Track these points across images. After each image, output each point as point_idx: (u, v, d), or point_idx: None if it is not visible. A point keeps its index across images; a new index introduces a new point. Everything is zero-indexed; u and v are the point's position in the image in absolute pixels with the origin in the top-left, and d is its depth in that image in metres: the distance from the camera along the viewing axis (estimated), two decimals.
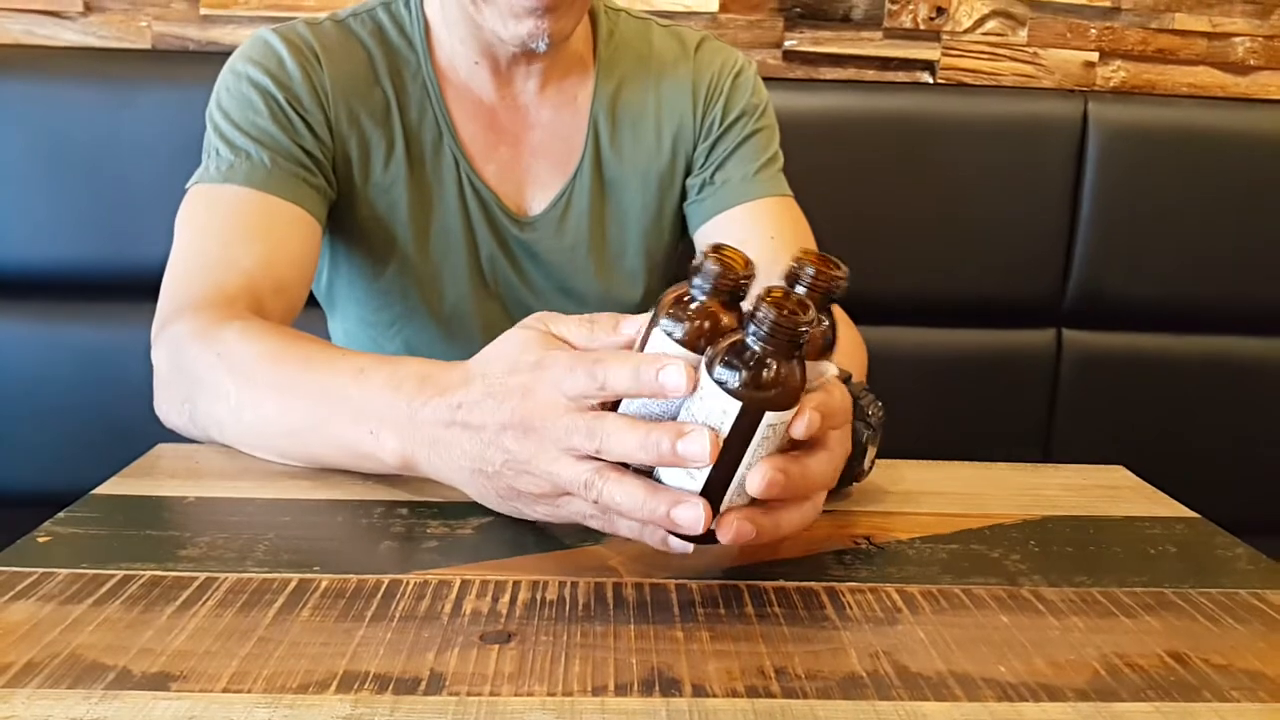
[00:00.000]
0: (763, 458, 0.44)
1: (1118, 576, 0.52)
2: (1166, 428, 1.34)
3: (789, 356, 0.43)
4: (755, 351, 0.42)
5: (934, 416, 1.26)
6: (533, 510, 0.50)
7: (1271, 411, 1.36)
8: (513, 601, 0.46)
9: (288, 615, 0.44)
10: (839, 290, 0.48)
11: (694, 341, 0.44)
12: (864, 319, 0.82)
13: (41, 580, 0.46)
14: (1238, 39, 1.42)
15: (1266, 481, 1.36)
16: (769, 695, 0.39)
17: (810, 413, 0.44)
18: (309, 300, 0.79)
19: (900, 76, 1.40)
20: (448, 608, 0.45)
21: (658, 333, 0.46)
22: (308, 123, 0.79)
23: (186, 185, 0.78)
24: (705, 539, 0.46)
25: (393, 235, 0.85)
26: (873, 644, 0.44)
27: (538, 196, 0.87)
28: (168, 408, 0.67)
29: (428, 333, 0.88)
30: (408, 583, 0.47)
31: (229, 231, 0.74)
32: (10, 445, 1.25)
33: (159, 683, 0.38)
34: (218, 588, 0.46)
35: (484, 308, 0.88)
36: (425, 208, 0.85)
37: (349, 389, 0.56)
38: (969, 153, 1.29)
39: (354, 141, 0.82)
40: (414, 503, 0.57)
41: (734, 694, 0.39)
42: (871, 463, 0.59)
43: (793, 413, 0.44)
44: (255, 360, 0.61)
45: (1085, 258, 1.32)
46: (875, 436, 0.58)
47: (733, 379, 0.42)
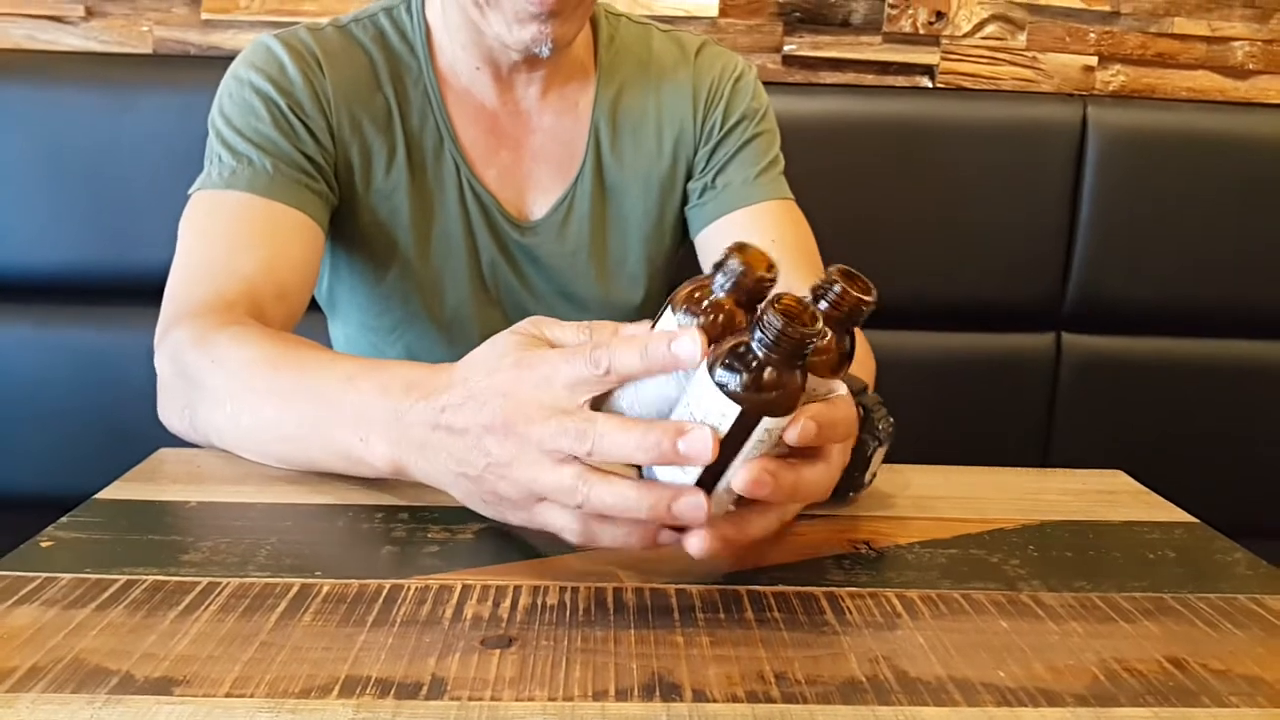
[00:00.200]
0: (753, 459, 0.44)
1: (1117, 581, 0.52)
2: (1166, 431, 1.35)
3: (791, 366, 0.42)
4: (758, 357, 0.42)
5: (934, 420, 1.26)
6: (514, 516, 0.49)
7: (1271, 415, 1.36)
8: (513, 606, 0.46)
9: (290, 620, 0.44)
10: (861, 316, 0.46)
11: (708, 336, 0.44)
12: (864, 323, 0.81)
13: (45, 585, 0.46)
14: (1237, 43, 1.42)
15: (1266, 484, 1.36)
16: (769, 700, 0.39)
17: (806, 421, 0.44)
18: (310, 304, 0.80)
19: (900, 81, 1.40)
20: (449, 612, 0.45)
21: (670, 321, 0.46)
22: (310, 129, 0.80)
23: (189, 191, 0.78)
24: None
25: (394, 241, 0.85)
26: (872, 649, 0.44)
27: (539, 202, 0.87)
28: (170, 413, 0.67)
29: (429, 338, 0.88)
30: (409, 588, 0.47)
31: (231, 237, 0.75)
32: (11, 448, 1.25)
33: (162, 687, 0.39)
34: (220, 592, 0.46)
35: (485, 313, 0.88)
36: (426, 213, 0.85)
37: (340, 395, 0.55)
38: (969, 157, 1.29)
39: (356, 147, 0.82)
40: (414, 507, 0.57)
41: (734, 699, 0.39)
42: (873, 475, 0.59)
43: (787, 419, 0.44)
44: (250, 366, 0.61)
45: (1085, 262, 1.32)
46: (881, 450, 0.58)
47: (733, 382, 0.42)
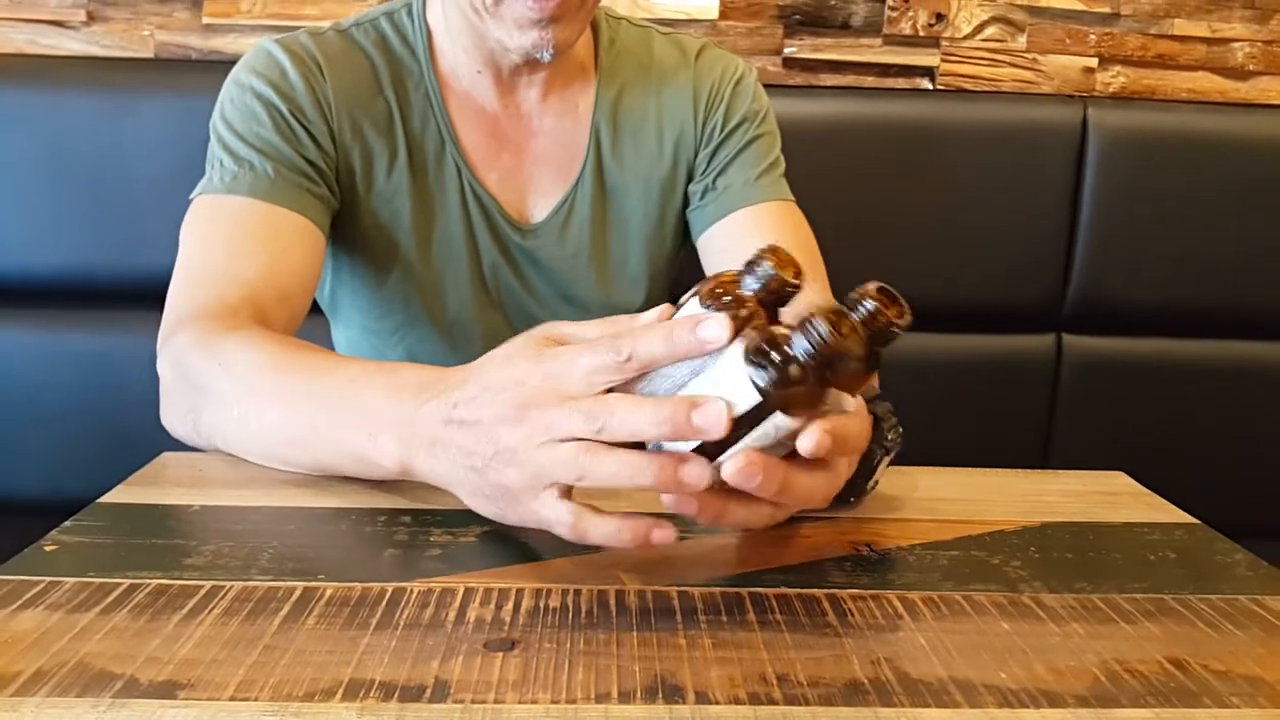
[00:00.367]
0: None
1: (1118, 583, 0.52)
2: (1167, 432, 1.35)
3: (821, 374, 0.43)
4: (794, 356, 0.43)
5: (934, 422, 1.25)
6: (515, 511, 0.49)
7: (1271, 415, 1.36)
8: (516, 609, 0.46)
9: (293, 623, 0.44)
10: (892, 339, 0.46)
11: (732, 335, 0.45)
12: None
13: (49, 589, 0.46)
14: (1237, 44, 1.42)
15: (1266, 485, 1.36)
16: (771, 702, 0.40)
17: (823, 434, 0.44)
18: (312, 308, 0.80)
19: (900, 83, 1.40)
20: (451, 615, 0.45)
21: (694, 309, 0.47)
22: (311, 133, 0.80)
23: (191, 196, 0.78)
24: None
25: (395, 244, 0.85)
26: (874, 651, 0.44)
27: (539, 204, 0.87)
28: (173, 417, 0.67)
29: (430, 341, 0.88)
30: (412, 590, 0.48)
31: (233, 242, 0.75)
32: (13, 452, 1.26)
33: (166, 691, 0.39)
34: (223, 596, 0.46)
35: (486, 315, 0.88)
36: (428, 216, 0.85)
37: (350, 395, 0.56)
38: (969, 158, 1.29)
39: (357, 151, 0.82)
40: (417, 510, 0.57)
41: (736, 701, 0.39)
42: (876, 482, 0.60)
43: (799, 423, 0.44)
44: (257, 369, 0.61)
45: (1085, 263, 1.32)
46: (887, 459, 0.59)
47: (762, 370, 0.43)
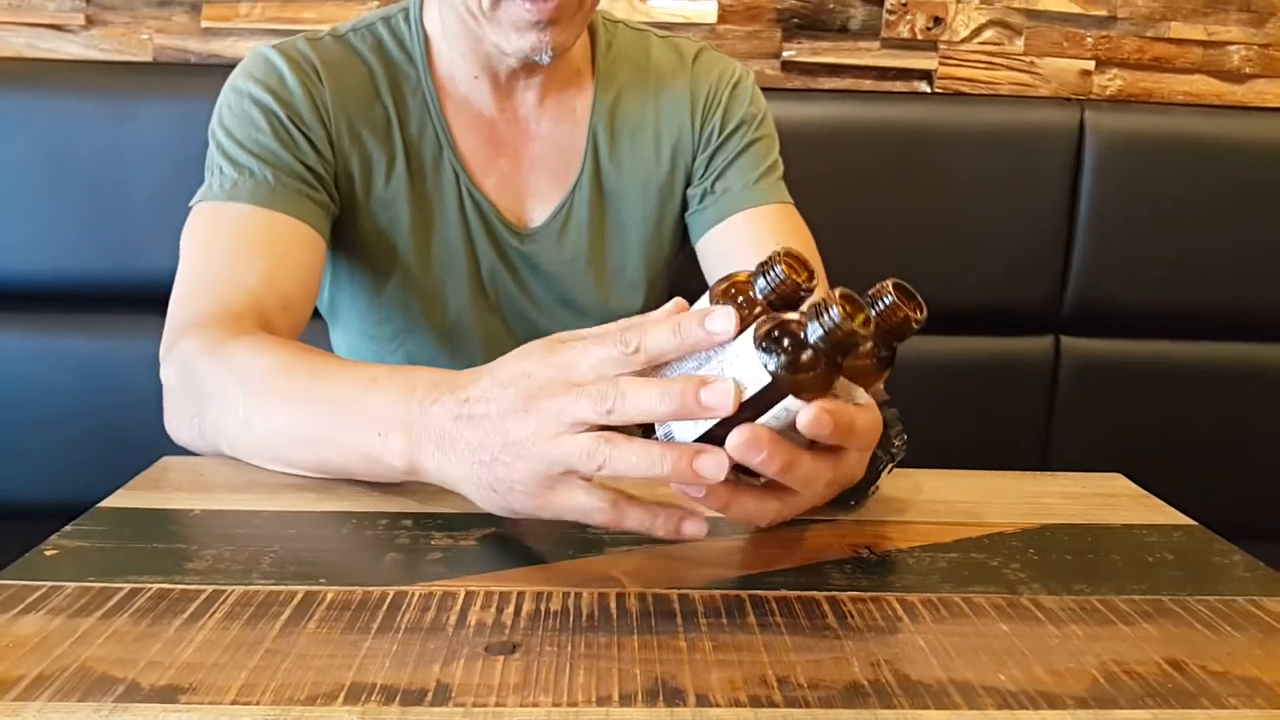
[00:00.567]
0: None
1: (1116, 584, 0.52)
2: (1165, 433, 1.35)
3: (832, 359, 0.44)
4: (806, 340, 0.43)
5: (933, 424, 1.24)
6: (524, 504, 0.49)
7: (1269, 417, 1.36)
8: (517, 612, 0.46)
9: (294, 627, 0.44)
10: (908, 333, 0.47)
11: (739, 333, 0.45)
12: None
13: (50, 594, 0.46)
14: (1233, 47, 1.42)
15: (1264, 486, 1.37)
16: (772, 705, 0.40)
17: (822, 411, 0.44)
18: (312, 312, 0.80)
19: (898, 86, 1.40)
20: (453, 619, 0.45)
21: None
22: (310, 139, 0.80)
23: (190, 203, 0.78)
24: None
25: (394, 249, 0.85)
26: (874, 653, 0.44)
27: (538, 209, 0.87)
28: (177, 423, 0.67)
29: (429, 346, 0.88)
30: (413, 594, 0.48)
31: (234, 249, 0.75)
32: (13, 455, 1.26)
33: (168, 695, 0.39)
34: (225, 600, 0.46)
35: (485, 320, 0.88)
36: (426, 222, 0.85)
37: (361, 396, 0.56)
38: (967, 161, 1.29)
39: (355, 157, 0.83)
40: (418, 514, 0.57)
41: (737, 703, 0.40)
42: (877, 487, 0.60)
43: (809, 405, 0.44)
44: (265, 373, 0.61)
45: (1083, 265, 1.32)
46: (891, 465, 0.59)
47: (773, 353, 0.43)
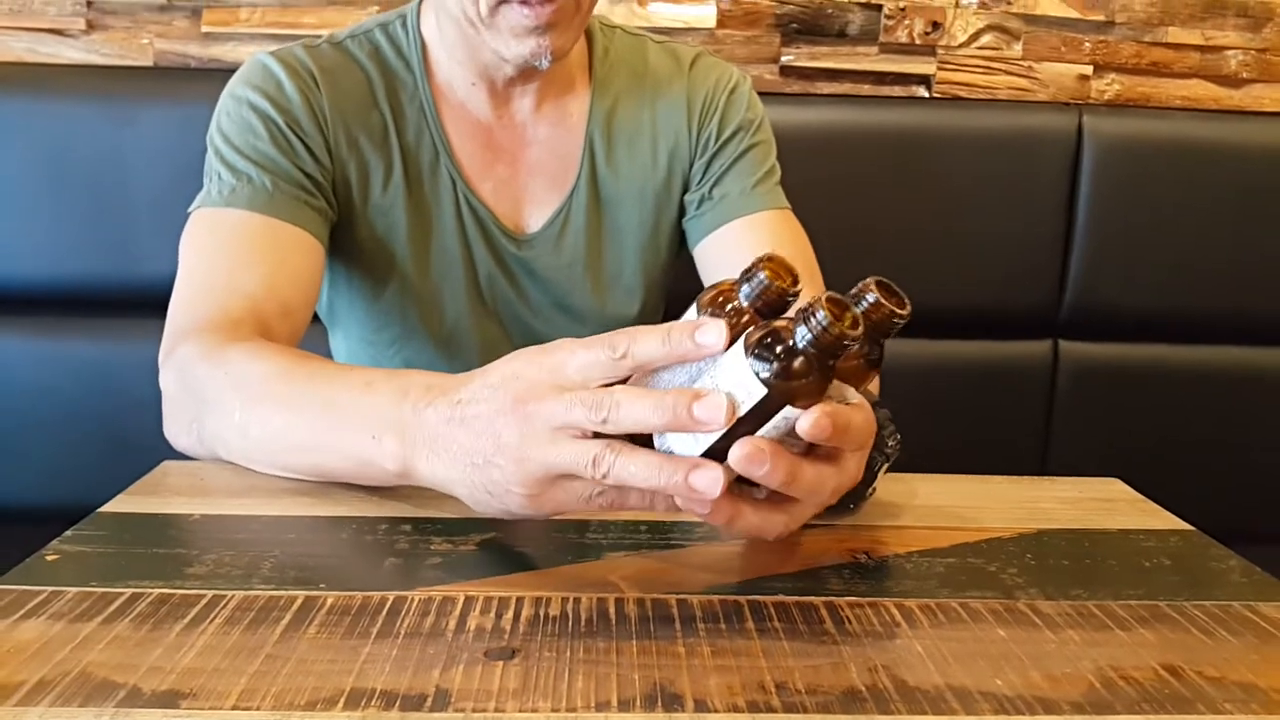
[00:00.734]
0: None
1: (1113, 589, 0.52)
2: (1163, 437, 1.35)
3: (824, 362, 0.44)
4: (796, 347, 0.43)
5: (931, 428, 1.25)
6: (520, 504, 0.49)
7: (1266, 421, 1.36)
8: (516, 618, 0.46)
9: (294, 632, 0.44)
10: (892, 329, 0.47)
11: (729, 342, 0.45)
12: None
13: (51, 599, 0.47)
14: (1230, 52, 1.43)
15: (1262, 490, 1.37)
16: (769, 710, 0.40)
17: (821, 416, 0.44)
18: (312, 318, 0.80)
19: (896, 91, 1.41)
20: (452, 624, 0.46)
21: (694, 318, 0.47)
22: (308, 146, 0.80)
23: (189, 209, 0.78)
24: None
25: (392, 256, 0.85)
26: (871, 658, 0.44)
27: (535, 214, 0.88)
28: (176, 429, 0.67)
29: (427, 351, 0.88)
30: (412, 599, 0.48)
31: (233, 255, 0.75)
32: (13, 458, 1.26)
33: (169, 700, 0.39)
34: (225, 605, 0.47)
35: (482, 326, 0.88)
36: (424, 228, 0.85)
37: (356, 399, 0.56)
38: (965, 166, 1.29)
39: (353, 164, 0.83)
40: (417, 519, 0.57)
41: (735, 709, 0.40)
42: (874, 489, 0.60)
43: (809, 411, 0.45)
44: (262, 378, 0.62)
45: (1081, 269, 1.33)
46: (886, 466, 0.59)
47: (765, 363, 0.43)
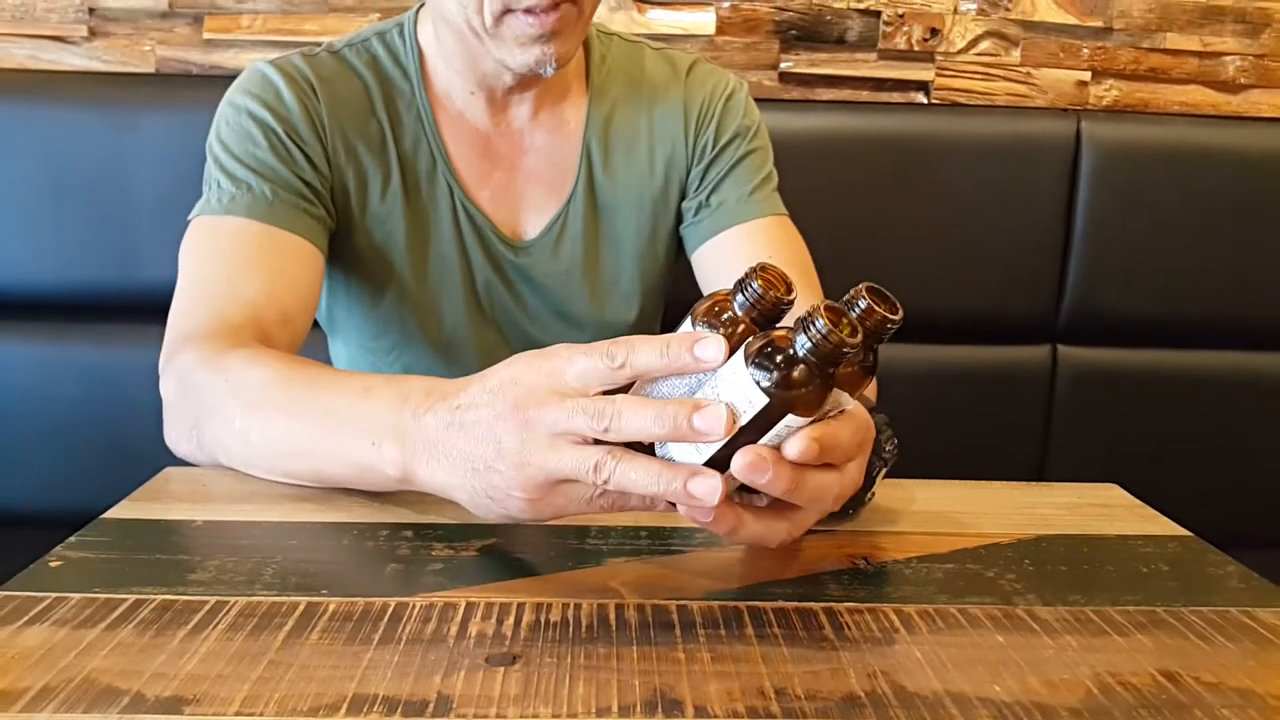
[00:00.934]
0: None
1: (1111, 595, 0.53)
2: (1162, 442, 1.35)
3: (824, 371, 0.44)
4: (797, 355, 0.43)
5: (929, 433, 1.26)
6: (520, 509, 0.50)
7: (1265, 426, 1.37)
8: (517, 624, 0.47)
9: (297, 639, 0.45)
10: (885, 334, 0.48)
11: (728, 354, 0.45)
12: None
13: (54, 605, 0.47)
14: (1228, 58, 1.43)
15: (1261, 495, 1.37)
16: (769, 715, 0.40)
17: (809, 441, 0.45)
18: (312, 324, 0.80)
19: (895, 97, 1.41)
20: (453, 630, 0.46)
21: (689, 330, 0.48)
22: (306, 154, 0.80)
23: (188, 217, 0.79)
24: None
25: (390, 264, 0.86)
26: (870, 664, 0.44)
27: (532, 221, 0.88)
28: (176, 435, 0.67)
29: (426, 358, 0.89)
30: (414, 605, 0.48)
31: (232, 263, 0.75)
32: (14, 464, 1.26)
33: (173, 706, 0.39)
34: (228, 612, 0.47)
35: (480, 333, 0.89)
36: (421, 236, 0.86)
37: (356, 405, 0.56)
38: (963, 172, 1.30)
39: (351, 172, 0.83)
40: (418, 525, 0.57)
41: (735, 714, 0.40)
42: (873, 495, 0.60)
43: (808, 423, 0.45)
44: (262, 384, 0.62)
45: (1079, 274, 1.33)
46: (884, 470, 0.59)
47: (766, 373, 0.43)
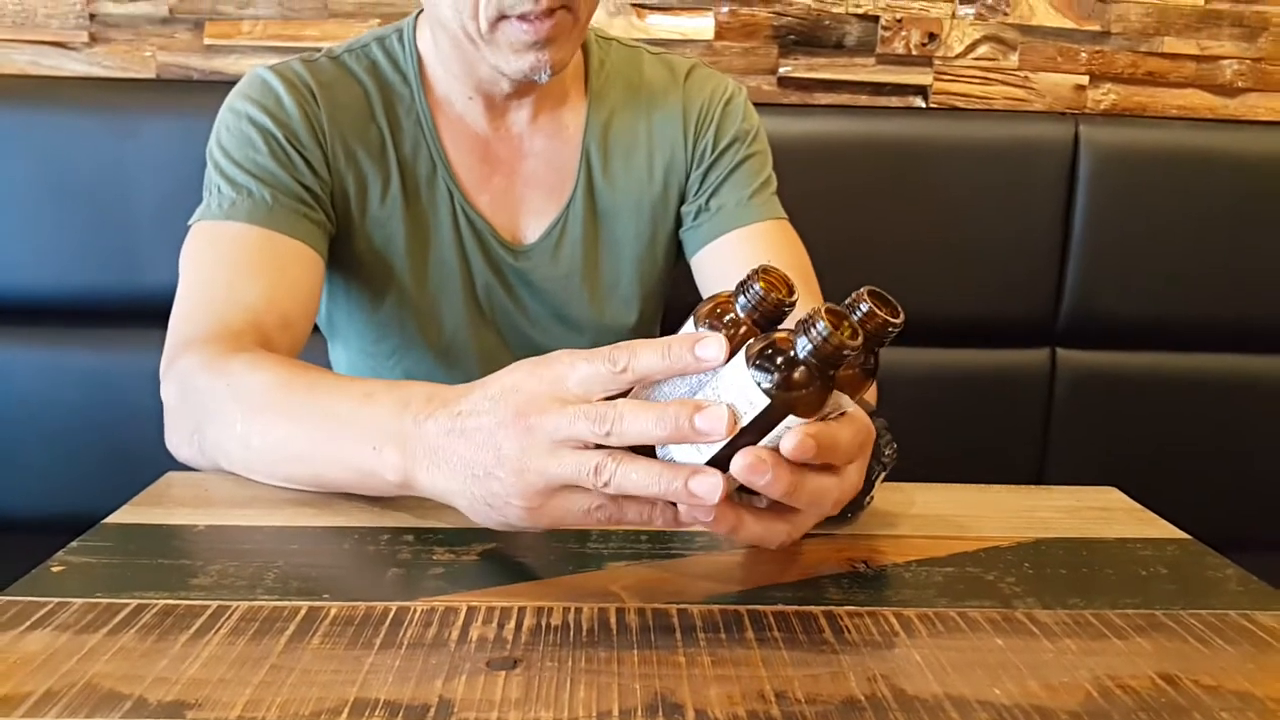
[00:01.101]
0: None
1: (1110, 598, 0.53)
2: (1160, 445, 1.35)
3: (825, 372, 0.44)
4: (798, 357, 0.44)
5: (928, 437, 1.25)
6: (520, 516, 0.49)
7: (1263, 429, 1.37)
8: (518, 627, 0.47)
9: (299, 643, 0.45)
10: (886, 338, 0.47)
11: (729, 354, 0.46)
12: None
13: (57, 610, 0.47)
14: (1226, 61, 1.43)
15: (1260, 498, 1.37)
16: (769, 719, 0.40)
17: (805, 438, 0.45)
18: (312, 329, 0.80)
19: (893, 101, 1.41)
20: (454, 634, 0.46)
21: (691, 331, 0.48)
22: (306, 160, 0.81)
23: (189, 223, 0.79)
24: None
25: (390, 268, 0.86)
26: (870, 667, 0.45)
27: (531, 225, 0.88)
28: (177, 440, 0.68)
29: (426, 362, 0.89)
30: (415, 610, 0.48)
31: (233, 268, 0.75)
32: (16, 469, 1.26)
33: (174, 711, 0.39)
34: (230, 616, 0.47)
35: (481, 336, 0.89)
36: (421, 240, 0.86)
37: (356, 410, 0.56)
38: (962, 175, 1.30)
39: (351, 177, 0.83)
40: (419, 529, 0.58)
41: (735, 718, 0.40)
42: (872, 498, 0.61)
43: (808, 424, 0.45)
44: (263, 389, 0.62)
45: (1078, 278, 1.33)
46: (883, 474, 0.60)
47: (767, 374, 0.44)
